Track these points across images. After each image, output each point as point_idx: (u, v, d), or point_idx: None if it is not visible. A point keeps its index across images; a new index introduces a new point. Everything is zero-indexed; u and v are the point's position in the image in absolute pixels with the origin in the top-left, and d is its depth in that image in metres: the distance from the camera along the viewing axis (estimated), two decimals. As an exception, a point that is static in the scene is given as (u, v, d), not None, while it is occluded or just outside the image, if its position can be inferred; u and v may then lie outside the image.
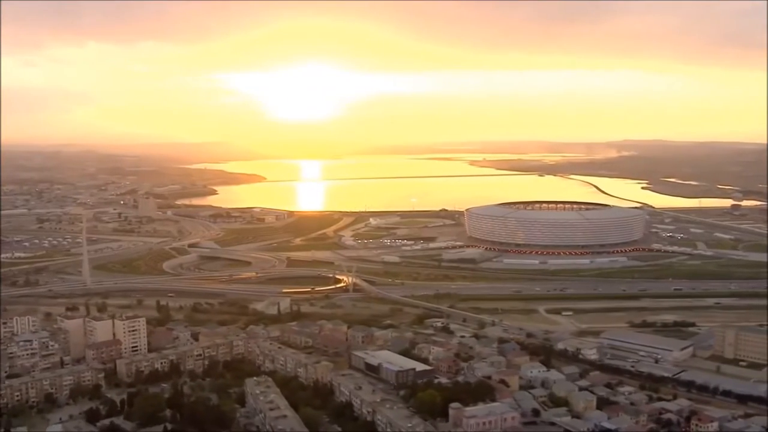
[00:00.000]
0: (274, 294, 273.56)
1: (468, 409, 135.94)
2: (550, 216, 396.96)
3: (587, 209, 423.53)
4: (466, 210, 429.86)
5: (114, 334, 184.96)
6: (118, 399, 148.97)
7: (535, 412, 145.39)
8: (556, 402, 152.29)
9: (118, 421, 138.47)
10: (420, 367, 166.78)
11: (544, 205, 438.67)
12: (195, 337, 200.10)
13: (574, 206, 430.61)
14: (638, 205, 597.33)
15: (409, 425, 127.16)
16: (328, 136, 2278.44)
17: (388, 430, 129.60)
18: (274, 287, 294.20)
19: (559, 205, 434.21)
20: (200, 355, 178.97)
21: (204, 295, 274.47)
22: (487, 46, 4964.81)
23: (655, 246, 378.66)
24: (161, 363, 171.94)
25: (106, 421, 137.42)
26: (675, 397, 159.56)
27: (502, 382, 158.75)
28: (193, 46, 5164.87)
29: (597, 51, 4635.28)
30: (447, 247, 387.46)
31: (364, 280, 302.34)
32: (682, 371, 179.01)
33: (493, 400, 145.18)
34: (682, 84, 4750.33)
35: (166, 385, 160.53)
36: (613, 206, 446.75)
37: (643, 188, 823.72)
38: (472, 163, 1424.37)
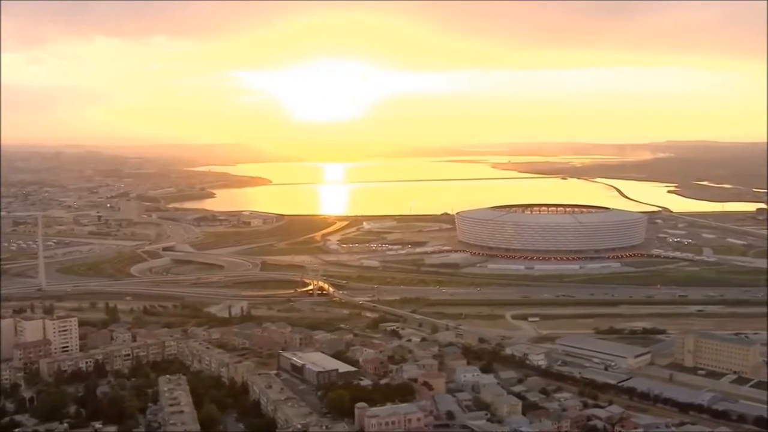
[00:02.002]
0: (232, 297, 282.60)
1: (372, 409, 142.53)
2: (541, 219, 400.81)
3: (587, 212, 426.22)
4: (457, 213, 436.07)
5: (45, 334, 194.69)
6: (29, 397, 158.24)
7: (450, 415, 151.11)
8: (480, 406, 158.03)
9: (23, 418, 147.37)
10: (345, 368, 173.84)
11: (543, 208, 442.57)
12: (134, 338, 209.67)
13: (575, 209, 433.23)
14: (656, 209, 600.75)
15: (303, 422, 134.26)
16: (348, 138, 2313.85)
17: (286, 426, 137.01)
18: (238, 291, 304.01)
19: (559, 209, 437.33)
20: (128, 355, 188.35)
21: (161, 298, 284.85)
22: (520, 44, 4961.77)
23: (655, 251, 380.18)
24: (86, 363, 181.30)
25: (7, 419, 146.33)
26: (611, 404, 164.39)
27: (425, 384, 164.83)
28: (209, 43, 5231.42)
29: (640, 48, 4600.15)
30: (433, 252, 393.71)
31: (334, 285, 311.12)
32: (628, 378, 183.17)
33: (404, 401, 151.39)
34: (735, 81, 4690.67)
35: (87, 384, 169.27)
36: (613, 209, 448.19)
37: (669, 192, 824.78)
38: (494, 165, 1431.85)
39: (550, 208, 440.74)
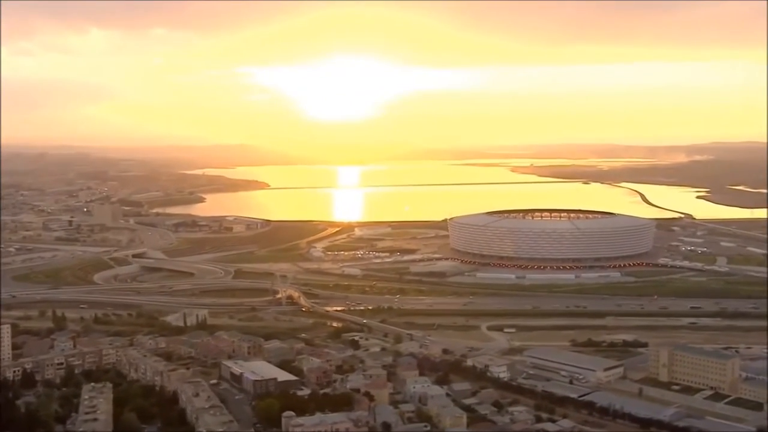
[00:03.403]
0: (192, 306, 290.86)
1: (297, 418, 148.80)
2: (537, 226, 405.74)
3: (592, 218, 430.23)
4: (449, 219, 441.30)
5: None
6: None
7: (387, 426, 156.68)
8: (423, 418, 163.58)
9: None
10: (286, 377, 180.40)
11: (545, 213, 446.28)
12: (75, 347, 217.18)
13: (579, 215, 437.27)
14: (677, 215, 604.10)
15: (220, 429, 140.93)
16: (363, 139, 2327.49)
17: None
18: (203, 299, 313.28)
19: (562, 214, 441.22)
20: (61, 363, 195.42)
21: (118, 306, 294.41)
22: (550, 38, 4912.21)
23: (662, 260, 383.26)
24: (13, 372, 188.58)
25: None
26: (565, 418, 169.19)
27: (366, 394, 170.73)
28: (214, 36, 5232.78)
29: (681, 42, 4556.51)
30: (421, 260, 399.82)
31: (307, 293, 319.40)
32: (590, 392, 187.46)
33: (340, 412, 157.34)
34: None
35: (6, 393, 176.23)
36: (619, 215, 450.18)
37: (698, 197, 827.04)
38: (514, 169, 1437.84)
39: (552, 214, 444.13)
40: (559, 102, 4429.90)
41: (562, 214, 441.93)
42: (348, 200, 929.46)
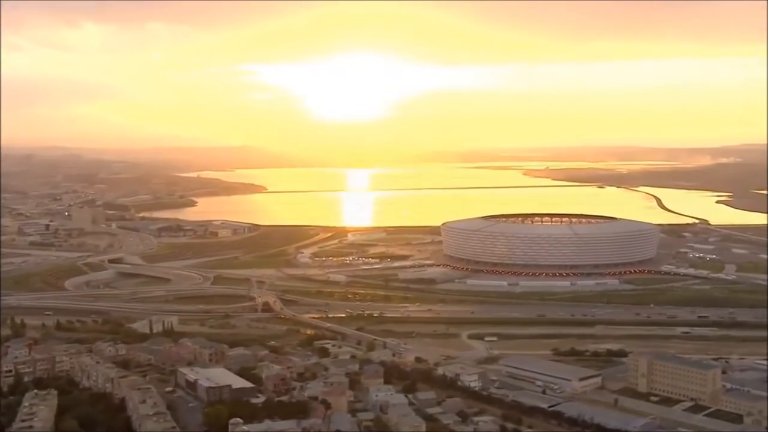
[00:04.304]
0: (161, 312, 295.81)
1: (243, 426, 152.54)
2: (533, 231, 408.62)
3: (595, 223, 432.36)
4: (442, 225, 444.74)
5: None
6: None
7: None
8: (381, 426, 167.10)
9: None
10: (242, 384, 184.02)
11: (546, 218, 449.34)
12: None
13: (581, 220, 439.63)
14: (692, 220, 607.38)
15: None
16: (372, 140, 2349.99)
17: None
18: (176, 306, 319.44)
19: (564, 219, 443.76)
20: (9, 371, 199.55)
21: (85, 313, 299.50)
22: (568, 34, 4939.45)
23: (666, 268, 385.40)
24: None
25: None
26: (530, 428, 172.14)
27: (324, 402, 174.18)
28: (215, 31, 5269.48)
29: (717, 35, 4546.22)
30: (411, 266, 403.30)
31: (287, 300, 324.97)
32: (560, 402, 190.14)
33: (294, 419, 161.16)
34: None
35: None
36: (621, 220, 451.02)
37: (717, 201, 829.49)
38: (527, 173, 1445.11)
39: (553, 218, 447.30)
40: (577, 101, 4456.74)
41: (563, 219, 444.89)
42: (347, 204, 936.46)
